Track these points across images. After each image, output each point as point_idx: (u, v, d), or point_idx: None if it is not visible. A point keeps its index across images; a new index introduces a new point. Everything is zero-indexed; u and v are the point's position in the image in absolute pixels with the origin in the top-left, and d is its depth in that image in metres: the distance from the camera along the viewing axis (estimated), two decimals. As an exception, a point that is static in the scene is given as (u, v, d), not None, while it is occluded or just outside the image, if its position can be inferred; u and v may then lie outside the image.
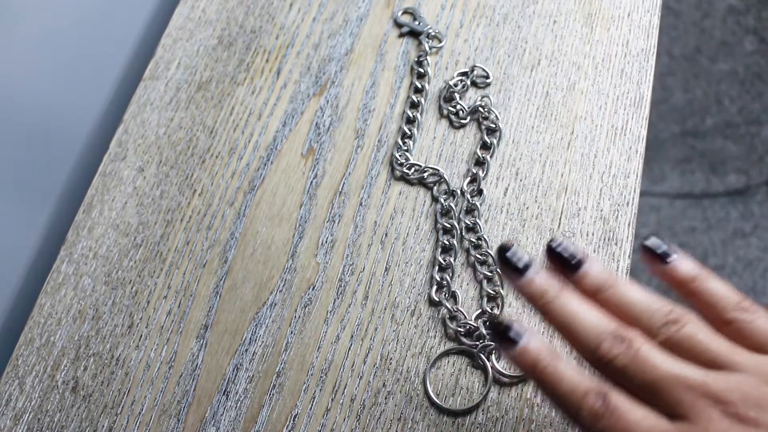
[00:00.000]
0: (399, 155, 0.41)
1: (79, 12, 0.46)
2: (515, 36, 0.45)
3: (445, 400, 0.35)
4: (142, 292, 0.40)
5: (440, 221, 0.40)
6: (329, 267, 0.39)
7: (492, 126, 0.42)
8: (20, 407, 0.38)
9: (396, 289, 0.38)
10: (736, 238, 1.16)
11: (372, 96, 0.44)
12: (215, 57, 0.47)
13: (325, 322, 0.38)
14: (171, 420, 0.37)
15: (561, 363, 0.27)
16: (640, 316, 0.27)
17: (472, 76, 0.44)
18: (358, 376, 0.36)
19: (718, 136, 1.24)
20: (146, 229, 0.42)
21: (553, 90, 0.43)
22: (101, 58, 0.49)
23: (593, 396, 0.25)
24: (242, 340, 0.38)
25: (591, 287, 0.28)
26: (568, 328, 0.27)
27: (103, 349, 0.39)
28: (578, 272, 0.29)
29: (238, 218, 0.41)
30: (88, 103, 0.49)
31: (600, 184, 0.40)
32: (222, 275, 0.40)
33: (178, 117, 0.45)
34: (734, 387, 0.25)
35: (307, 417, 0.36)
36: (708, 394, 0.24)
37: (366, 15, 0.47)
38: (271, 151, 0.43)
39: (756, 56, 1.30)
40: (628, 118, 0.42)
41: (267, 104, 0.45)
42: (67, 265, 0.41)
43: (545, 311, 0.28)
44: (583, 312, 0.27)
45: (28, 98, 0.43)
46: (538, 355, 0.27)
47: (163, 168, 0.43)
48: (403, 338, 0.37)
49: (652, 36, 0.44)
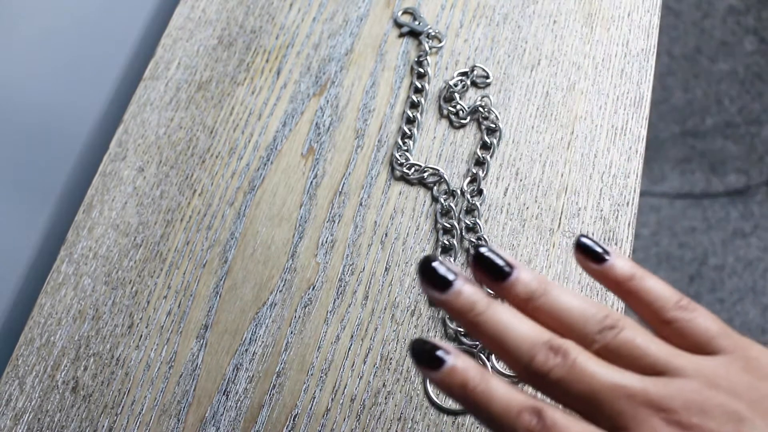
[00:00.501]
0: (399, 155, 0.41)
1: (79, 12, 0.46)
2: (515, 36, 0.45)
3: (445, 400, 0.35)
4: (142, 292, 0.40)
5: (440, 221, 0.40)
6: (329, 267, 0.39)
7: (492, 126, 0.42)
8: (20, 407, 0.38)
9: (396, 289, 0.38)
10: (736, 238, 1.16)
11: (372, 96, 0.44)
12: (215, 57, 0.47)
13: (325, 322, 0.38)
14: (171, 420, 0.37)
15: (492, 381, 0.25)
16: (574, 324, 0.26)
17: (472, 76, 0.44)
18: (358, 376, 0.36)
19: (718, 136, 1.24)
20: (146, 229, 0.42)
21: (553, 90, 0.43)
22: (101, 58, 0.49)
23: (528, 414, 0.23)
24: (242, 340, 0.38)
25: (522, 296, 0.26)
26: (500, 341, 0.25)
27: (103, 349, 0.39)
28: (508, 280, 0.26)
29: (238, 218, 0.41)
30: (88, 103, 0.49)
31: (600, 184, 0.40)
32: (222, 275, 0.40)
33: (178, 117, 0.45)
34: (675, 393, 0.23)
35: (307, 417, 0.36)
36: (649, 403, 0.23)
37: (366, 15, 0.47)
38: (271, 151, 0.43)
39: (756, 56, 1.30)
40: (628, 118, 0.42)
41: (267, 104, 0.45)
42: (67, 265, 0.41)
43: (474, 325, 0.26)
44: (514, 324, 0.25)
45: (28, 98, 0.43)
46: (465, 374, 0.25)
47: (163, 168, 0.43)
48: (403, 338, 0.37)
49: (652, 36, 0.44)
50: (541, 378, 0.24)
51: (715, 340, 0.25)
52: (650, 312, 0.27)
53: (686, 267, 1.10)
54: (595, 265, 0.28)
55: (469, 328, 0.26)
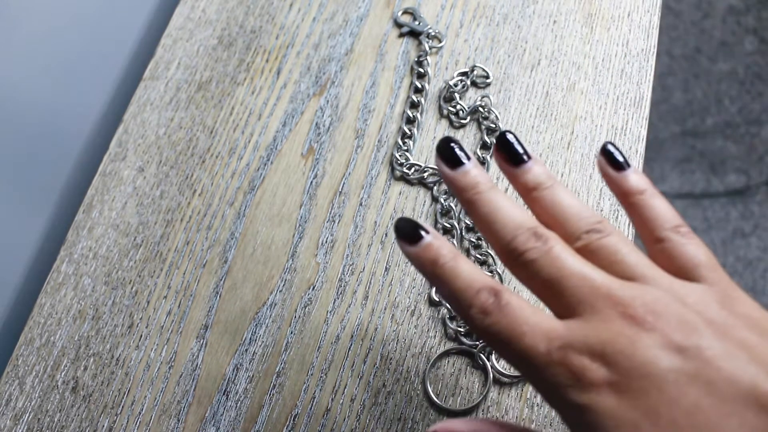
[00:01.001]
0: (399, 155, 0.41)
1: (79, 12, 0.46)
2: (515, 36, 0.45)
3: (445, 400, 0.35)
4: (142, 292, 0.40)
5: (440, 221, 0.40)
6: (329, 267, 0.39)
7: (492, 126, 0.42)
8: (20, 407, 0.38)
9: (396, 289, 0.38)
10: (736, 238, 1.16)
11: (372, 96, 0.44)
12: (215, 57, 0.47)
13: (325, 322, 0.38)
14: (171, 420, 0.37)
15: (460, 260, 0.26)
16: (566, 220, 0.26)
17: (472, 76, 0.44)
18: (358, 376, 0.36)
19: (718, 136, 1.24)
20: (146, 229, 0.42)
21: (553, 90, 0.43)
22: (101, 58, 0.49)
23: (486, 293, 0.24)
24: (242, 340, 0.38)
25: (530, 184, 0.27)
26: (489, 219, 0.26)
27: (103, 349, 0.39)
28: (522, 167, 0.28)
29: (238, 218, 0.41)
30: (88, 103, 0.49)
31: (600, 184, 0.40)
32: (222, 275, 0.40)
33: (178, 117, 0.45)
34: (638, 295, 0.23)
35: (307, 417, 0.36)
36: (609, 297, 0.23)
37: (366, 15, 0.47)
38: (271, 151, 0.43)
39: (756, 56, 1.30)
40: (628, 118, 0.42)
41: (267, 104, 0.45)
42: (67, 265, 0.41)
43: (471, 202, 0.27)
44: (507, 207, 0.26)
45: (28, 98, 0.43)
46: (439, 251, 0.26)
47: (163, 168, 0.43)
48: (403, 338, 0.37)
49: (652, 36, 0.44)
50: (516, 257, 0.25)
51: (700, 269, 0.25)
52: (647, 230, 0.27)
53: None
54: (613, 170, 0.28)
55: (467, 205, 0.27)
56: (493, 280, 0.25)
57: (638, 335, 0.22)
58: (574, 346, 0.22)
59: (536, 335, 0.23)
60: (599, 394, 0.21)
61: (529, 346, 0.23)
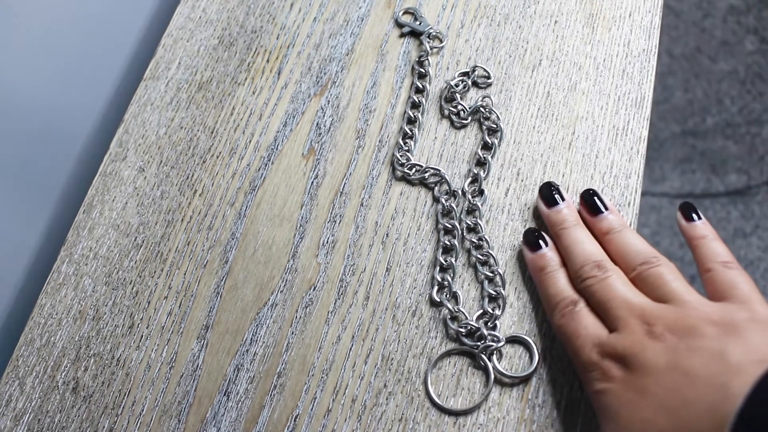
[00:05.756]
0: (400, 155, 0.41)
1: (79, 12, 0.46)
2: (516, 36, 0.45)
3: (447, 401, 0.35)
4: (143, 292, 0.40)
5: (441, 222, 0.39)
6: (330, 267, 0.39)
7: (493, 126, 0.42)
8: (20, 408, 0.38)
9: (397, 289, 0.38)
10: (737, 238, 1.16)
11: (373, 96, 0.44)
12: (216, 57, 0.47)
13: (326, 323, 0.38)
14: (172, 420, 0.37)
15: (560, 273, 0.35)
16: (628, 255, 0.34)
17: (473, 77, 0.43)
18: (359, 377, 0.36)
19: (718, 136, 1.24)
20: (147, 230, 0.42)
21: (555, 90, 0.43)
22: (101, 58, 0.49)
23: (567, 302, 0.33)
24: (243, 340, 0.38)
25: (604, 229, 0.35)
26: (569, 250, 0.35)
27: (103, 349, 0.39)
28: (599, 216, 0.36)
29: (239, 218, 0.41)
30: (88, 103, 0.49)
31: (601, 184, 0.40)
32: (223, 275, 0.40)
33: (178, 117, 0.45)
34: (664, 314, 0.30)
35: (308, 418, 0.36)
36: (641, 316, 0.30)
37: (367, 15, 0.47)
38: (271, 152, 0.43)
39: (756, 56, 1.30)
40: (629, 119, 0.42)
41: (268, 104, 0.45)
42: (67, 266, 0.41)
43: (558, 235, 0.36)
44: (585, 242, 0.34)
45: (28, 98, 0.43)
46: (549, 261, 0.35)
47: (164, 168, 0.43)
48: (404, 339, 0.37)
49: (653, 36, 0.44)
50: (581, 281, 0.33)
51: (733, 291, 0.31)
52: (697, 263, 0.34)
53: (687, 267, 1.10)
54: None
55: (555, 237, 0.36)
56: (577, 294, 0.33)
57: (651, 344, 0.29)
58: (608, 352, 0.30)
59: (587, 340, 0.31)
60: (614, 384, 0.30)
61: (580, 346, 0.31)
